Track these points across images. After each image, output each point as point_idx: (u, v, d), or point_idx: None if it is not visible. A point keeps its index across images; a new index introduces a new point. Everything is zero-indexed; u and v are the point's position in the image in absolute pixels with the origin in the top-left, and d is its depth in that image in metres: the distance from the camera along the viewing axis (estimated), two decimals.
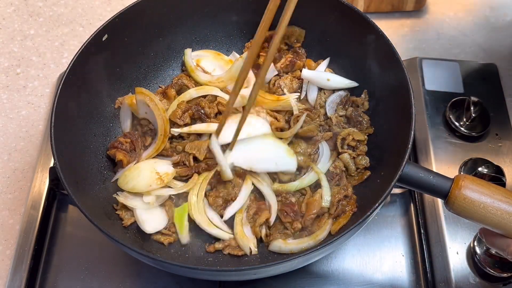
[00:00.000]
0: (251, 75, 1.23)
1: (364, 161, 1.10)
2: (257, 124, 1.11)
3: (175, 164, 1.11)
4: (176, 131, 1.13)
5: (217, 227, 1.06)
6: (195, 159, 1.11)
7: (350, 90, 1.20)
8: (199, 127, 1.13)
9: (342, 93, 1.19)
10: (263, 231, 1.06)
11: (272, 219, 1.05)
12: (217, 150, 1.06)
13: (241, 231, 1.04)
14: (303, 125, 1.12)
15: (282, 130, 1.13)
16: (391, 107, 1.09)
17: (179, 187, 1.08)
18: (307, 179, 1.08)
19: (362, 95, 1.17)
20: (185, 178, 1.11)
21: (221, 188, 1.08)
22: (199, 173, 1.10)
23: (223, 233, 1.05)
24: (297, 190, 1.09)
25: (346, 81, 1.19)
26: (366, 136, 1.14)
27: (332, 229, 1.03)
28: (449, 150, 1.23)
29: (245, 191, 1.07)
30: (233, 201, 1.07)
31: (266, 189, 1.08)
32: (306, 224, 1.05)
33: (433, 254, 1.12)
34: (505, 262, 1.06)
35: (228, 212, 1.06)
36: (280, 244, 1.02)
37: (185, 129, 1.13)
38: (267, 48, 1.24)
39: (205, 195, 1.08)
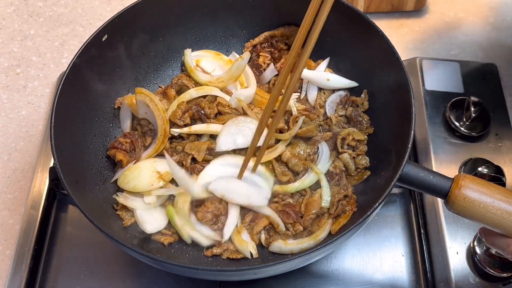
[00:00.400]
0: (250, 73, 1.23)
1: (364, 161, 1.10)
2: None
3: None
4: (176, 131, 1.13)
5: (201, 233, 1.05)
6: (194, 159, 1.11)
7: (350, 90, 1.20)
8: (199, 128, 1.13)
9: (342, 93, 1.19)
10: (262, 237, 1.05)
11: (282, 227, 1.05)
12: (180, 175, 1.04)
13: (239, 238, 1.04)
14: (302, 126, 1.12)
15: (281, 131, 1.13)
16: (391, 107, 1.09)
17: (179, 187, 1.08)
18: (307, 180, 1.08)
19: (362, 95, 1.17)
20: None
21: (208, 204, 1.06)
22: (197, 175, 1.10)
23: (203, 239, 1.04)
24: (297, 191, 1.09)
25: (346, 81, 1.19)
26: (366, 136, 1.13)
27: (332, 229, 1.03)
28: (449, 150, 1.22)
29: (234, 207, 1.06)
30: (223, 215, 1.06)
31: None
32: (306, 224, 1.05)
33: (433, 254, 1.12)
34: (505, 262, 1.06)
35: (227, 232, 1.04)
36: (280, 245, 1.02)
37: (185, 130, 1.13)
38: (267, 49, 1.25)
39: (193, 212, 1.07)
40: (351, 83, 1.19)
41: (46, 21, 1.57)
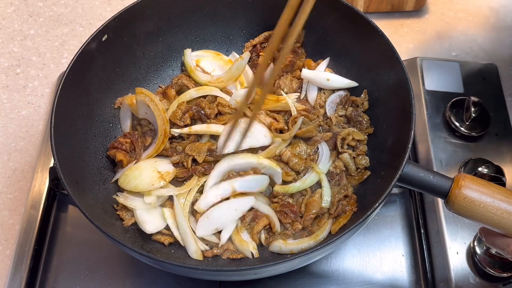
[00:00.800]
0: (250, 73, 1.23)
1: (364, 160, 1.10)
2: (259, 135, 1.10)
3: (175, 165, 1.11)
4: (176, 131, 1.13)
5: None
6: (194, 160, 1.11)
7: (350, 90, 1.20)
8: (199, 128, 1.13)
9: (342, 93, 1.19)
10: (262, 237, 1.05)
11: (278, 227, 1.05)
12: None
13: (239, 238, 1.04)
14: (302, 126, 1.12)
15: (281, 131, 1.13)
16: (391, 107, 1.09)
17: (179, 187, 1.08)
18: (308, 180, 1.08)
19: (362, 95, 1.17)
20: (181, 179, 1.11)
21: None
22: (198, 176, 1.09)
23: (199, 243, 1.04)
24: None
25: (346, 81, 1.19)
26: (366, 136, 1.13)
27: (332, 229, 1.03)
28: (449, 150, 1.23)
29: None
30: None
31: (256, 203, 1.07)
32: (306, 224, 1.05)
33: (433, 254, 1.12)
34: (505, 262, 1.06)
35: (224, 237, 1.04)
36: (280, 245, 1.02)
37: (185, 130, 1.13)
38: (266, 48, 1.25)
39: (193, 215, 1.07)
40: (351, 83, 1.19)
41: (46, 21, 1.57)
